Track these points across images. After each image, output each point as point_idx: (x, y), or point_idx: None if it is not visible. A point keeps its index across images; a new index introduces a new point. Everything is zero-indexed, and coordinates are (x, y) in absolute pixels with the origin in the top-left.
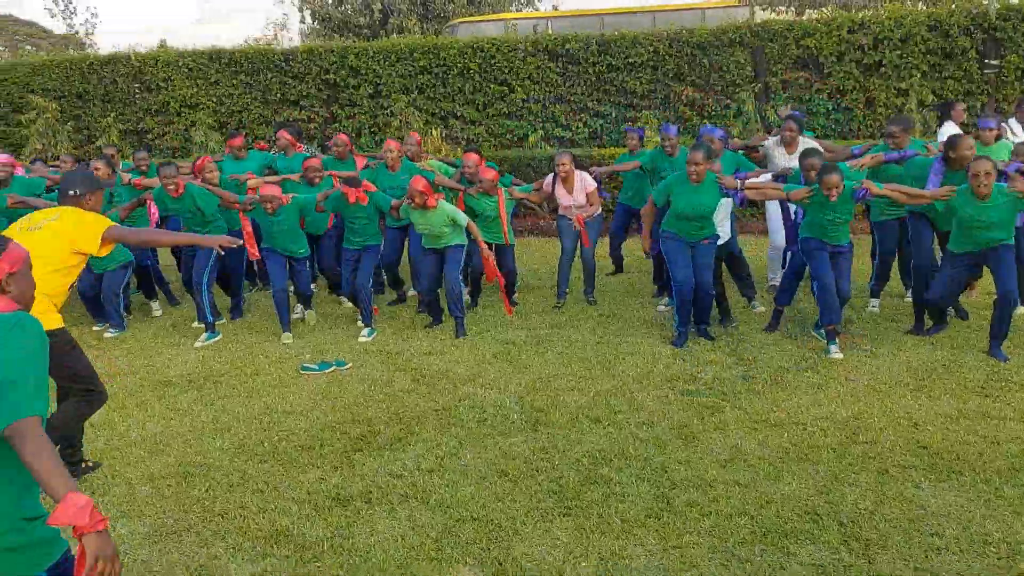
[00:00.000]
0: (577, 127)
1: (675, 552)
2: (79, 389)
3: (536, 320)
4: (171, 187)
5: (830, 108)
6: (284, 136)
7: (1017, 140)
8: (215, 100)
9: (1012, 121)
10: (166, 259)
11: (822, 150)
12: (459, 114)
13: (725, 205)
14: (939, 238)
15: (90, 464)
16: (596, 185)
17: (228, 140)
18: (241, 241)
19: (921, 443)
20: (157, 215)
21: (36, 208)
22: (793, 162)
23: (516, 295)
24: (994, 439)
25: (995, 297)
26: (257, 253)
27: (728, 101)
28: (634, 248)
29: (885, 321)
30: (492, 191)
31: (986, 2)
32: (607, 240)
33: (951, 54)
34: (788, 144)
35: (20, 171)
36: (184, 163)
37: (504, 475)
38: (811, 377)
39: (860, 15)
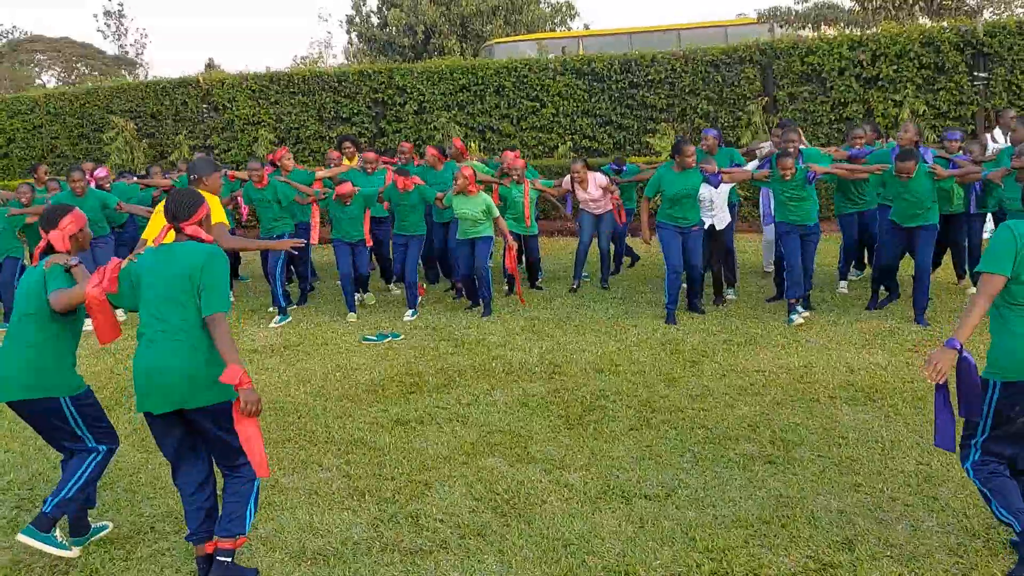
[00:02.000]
0: (602, 138)
1: (646, 450)
2: None
3: (559, 303)
4: (256, 178)
5: (832, 119)
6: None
7: (999, 147)
8: (275, 118)
9: (996, 131)
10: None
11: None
12: (495, 128)
13: (722, 194)
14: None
15: None
16: (607, 180)
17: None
18: (304, 242)
19: (851, 383)
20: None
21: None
22: None
23: (541, 281)
24: (909, 379)
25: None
26: (316, 239)
27: (739, 113)
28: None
29: (852, 299)
30: (521, 179)
31: (974, 20)
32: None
33: (943, 68)
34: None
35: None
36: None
37: (525, 406)
38: (778, 339)
39: (860, 34)
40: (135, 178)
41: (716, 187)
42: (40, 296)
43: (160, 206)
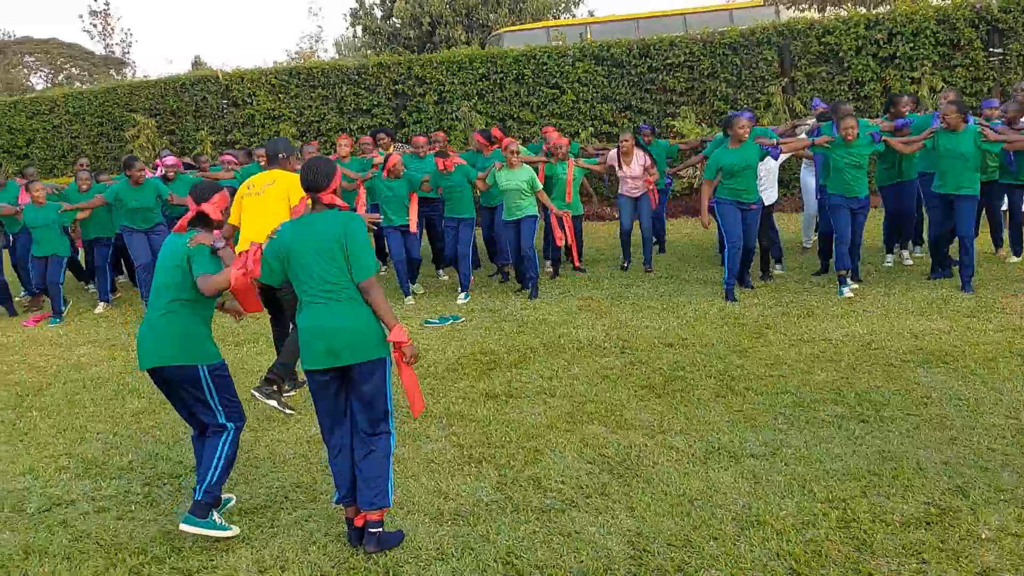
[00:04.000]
0: (623, 123)
1: (738, 414)
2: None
3: (606, 283)
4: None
5: (850, 98)
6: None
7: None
8: (295, 112)
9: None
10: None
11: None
12: (516, 116)
13: (772, 171)
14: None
15: (289, 406)
16: (651, 160)
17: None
18: (380, 217)
19: (919, 347)
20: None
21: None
22: None
23: (583, 263)
24: (975, 342)
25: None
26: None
27: (758, 95)
28: (679, 225)
29: (896, 271)
30: (565, 157)
31: None
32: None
33: (959, 45)
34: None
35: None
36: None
37: (607, 379)
38: (835, 310)
39: (875, 13)
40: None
41: (776, 159)
42: (183, 269)
43: (242, 190)
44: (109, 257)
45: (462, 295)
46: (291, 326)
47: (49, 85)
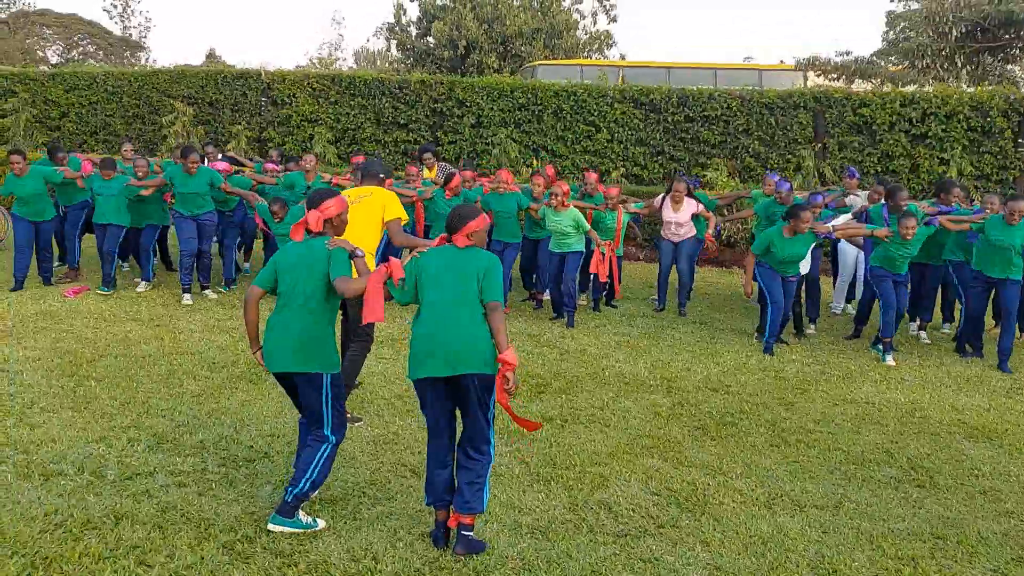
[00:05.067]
0: (653, 168)
1: (795, 464)
2: (363, 333)
3: (640, 322)
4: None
5: (879, 171)
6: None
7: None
8: (333, 117)
9: None
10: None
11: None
12: (550, 148)
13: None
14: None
15: (352, 416)
16: (700, 207)
17: (352, 158)
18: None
19: (962, 420)
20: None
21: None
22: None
23: (616, 300)
24: (1016, 422)
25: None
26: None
27: (789, 156)
28: (703, 273)
29: (931, 346)
30: (615, 206)
31: (1019, 88)
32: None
33: (989, 132)
34: (874, 201)
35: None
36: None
37: (658, 415)
38: (873, 375)
39: (911, 91)
40: (255, 168)
41: (832, 237)
42: (321, 273)
43: (350, 195)
44: (155, 238)
45: None
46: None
47: (63, 60)
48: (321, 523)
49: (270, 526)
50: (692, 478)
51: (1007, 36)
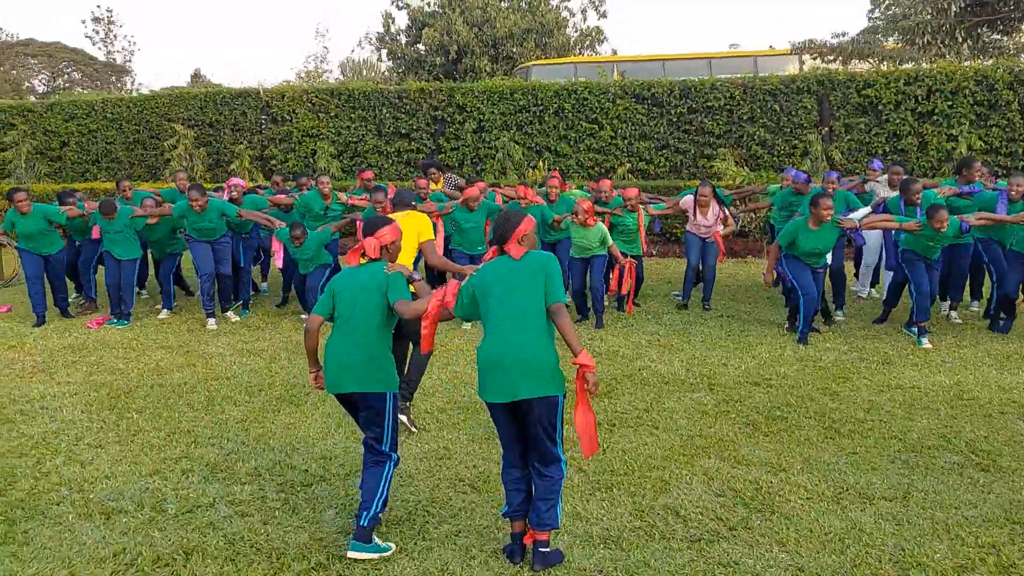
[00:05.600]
0: (659, 162)
1: (853, 456)
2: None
3: (667, 320)
4: (379, 209)
5: (887, 150)
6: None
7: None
8: (334, 131)
9: None
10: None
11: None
12: (553, 148)
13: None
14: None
15: (415, 424)
16: (726, 213)
17: (360, 174)
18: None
19: (1012, 400)
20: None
21: (260, 221)
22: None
23: (637, 298)
24: None
25: None
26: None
27: (796, 142)
28: (721, 266)
29: (963, 326)
30: (634, 208)
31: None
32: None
33: (995, 106)
34: (894, 185)
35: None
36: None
37: (705, 414)
38: (913, 359)
39: (915, 69)
40: (265, 192)
41: (862, 244)
42: (379, 297)
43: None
44: (174, 268)
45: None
46: (411, 349)
47: (48, 89)
48: (392, 547)
49: (351, 554)
50: (753, 477)
51: (1006, 8)
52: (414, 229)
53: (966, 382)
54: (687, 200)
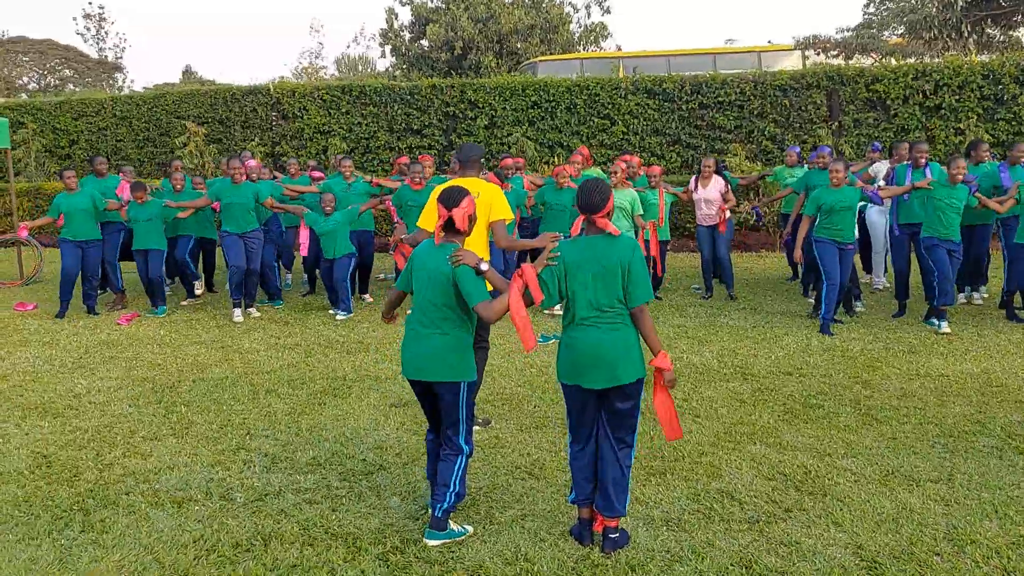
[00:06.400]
0: (671, 157)
1: (893, 441)
2: (482, 338)
3: (692, 312)
4: (417, 180)
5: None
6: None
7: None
8: (345, 128)
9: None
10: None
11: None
12: (565, 144)
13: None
14: None
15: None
16: (727, 185)
17: (396, 160)
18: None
19: None
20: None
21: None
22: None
23: (659, 292)
24: None
25: None
26: None
27: (806, 136)
28: (737, 260)
29: (976, 311)
30: (657, 184)
31: None
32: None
33: (1002, 100)
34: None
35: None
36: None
37: (743, 403)
38: (937, 347)
39: (923, 64)
40: (282, 180)
41: (880, 204)
42: (446, 286)
43: (438, 190)
44: (189, 249)
45: (558, 307)
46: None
47: (39, 87)
48: (469, 528)
49: (427, 541)
50: (800, 461)
51: (1010, 3)
52: (486, 203)
53: (993, 370)
54: (692, 181)
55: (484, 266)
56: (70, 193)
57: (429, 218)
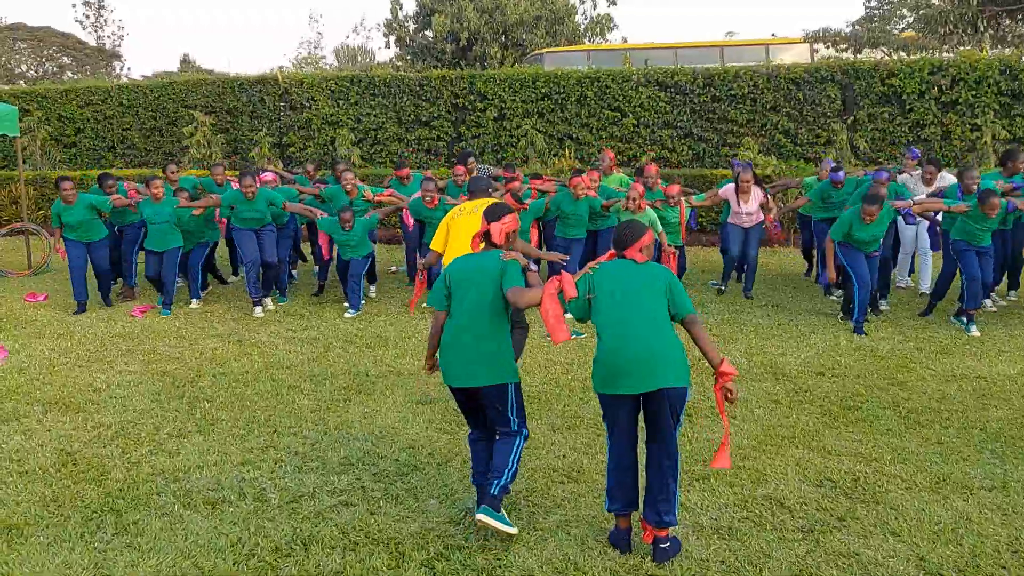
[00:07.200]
0: (682, 150)
1: (939, 446)
2: (520, 319)
3: (712, 309)
4: (428, 199)
5: (911, 140)
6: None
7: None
8: (353, 119)
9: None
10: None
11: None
12: (575, 136)
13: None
14: None
15: None
16: (767, 195)
17: (396, 171)
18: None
19: None
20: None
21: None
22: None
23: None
24: None
25: None
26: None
27: (819, 131)
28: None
29: (1010, 316)
30: (676, 202)
31: None
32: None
33: (1020, 95)
34: (928, 182)
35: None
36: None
37: (779, 404)
38: (969, 348)
39: (939, 59)
40: (296, 180)
41: (914, 223)
42: (497, 286)
43: (449, 217)
44: (203, 259)
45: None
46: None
47: (37, 75)
48: (515, 529)
49: (479, 516)
50: (847, 467)
51: None
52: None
53: None
54: (727, 189)
55: (533, 266)
56: (67, 204)
57: (439, 240)
